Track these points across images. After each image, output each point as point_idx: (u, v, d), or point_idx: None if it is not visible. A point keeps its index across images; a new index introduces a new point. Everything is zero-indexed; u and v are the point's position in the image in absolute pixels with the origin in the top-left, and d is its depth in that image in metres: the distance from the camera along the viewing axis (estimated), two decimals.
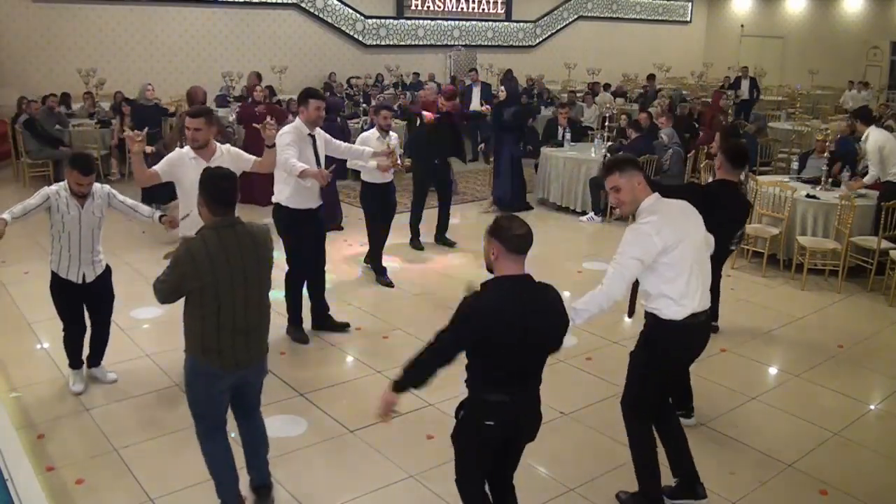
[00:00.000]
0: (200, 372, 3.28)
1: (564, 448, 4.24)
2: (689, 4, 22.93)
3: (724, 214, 4.43)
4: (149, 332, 5.66)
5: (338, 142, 5.87)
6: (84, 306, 4.65)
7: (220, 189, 3.23)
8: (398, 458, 4.05)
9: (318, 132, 5.48)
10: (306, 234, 5.47)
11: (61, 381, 4.80)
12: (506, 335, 2.77)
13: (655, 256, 3.28)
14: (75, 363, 4.73)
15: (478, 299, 2.80)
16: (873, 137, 7.20)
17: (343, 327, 5.72)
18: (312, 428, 4.38)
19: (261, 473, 3.63)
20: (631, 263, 3.29)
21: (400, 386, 2.98)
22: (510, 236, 2.78)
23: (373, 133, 6.63)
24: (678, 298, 3.36)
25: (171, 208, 6.18)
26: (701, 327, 3.51)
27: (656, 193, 3.43)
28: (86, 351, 4.80)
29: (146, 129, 4.75)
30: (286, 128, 5.35)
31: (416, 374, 2.95)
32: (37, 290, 6.30)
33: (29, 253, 7.26)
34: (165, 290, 3.21)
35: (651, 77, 15.86)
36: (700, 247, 3.44)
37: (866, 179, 7.33)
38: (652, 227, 3.28)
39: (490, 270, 2.90)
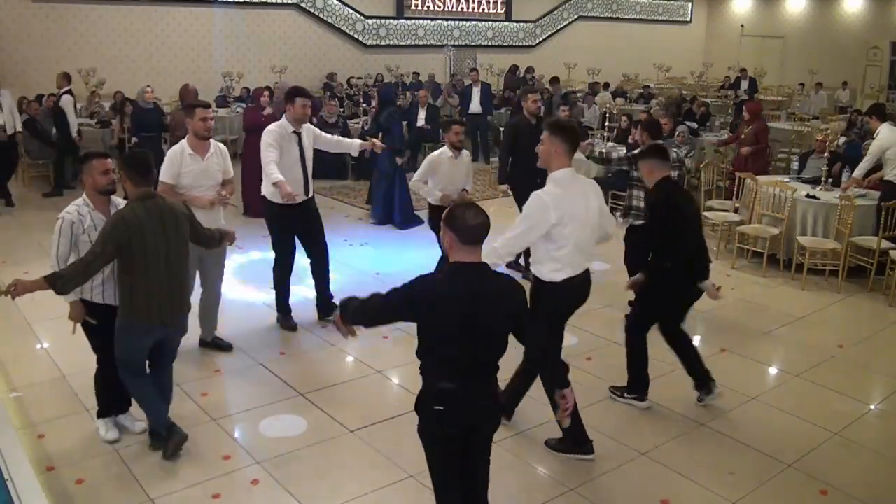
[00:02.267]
0: (129, 329, 3.79)
1: None
2: (689, 4, 22.93)
3: (682, 213, 4.46)
4: None
5: (326, 134, 5.87)
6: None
7: (143, 163, 3.75)
8: (398, 458, 4.05)
9: (305, 128, 5.50)
10: (293, 226, 5.59)
11: (61, 381, 4.80)
12: (452, 320, 2.73)
13: (548, 228, 3.71)
14: (107, 410, 4.17)
15: (430, 279, 2.80)
16: (882, 136, 7.16)
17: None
18: (312, 428, 4.38)
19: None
20: (529, 235, 3.78)
21: (346, 316, 2.99)
22: (463, 227, 2.73)
23: (443, 153, 6.02)
24: (560, 267, 3.83)
25: None
26: (577, 286, 3.94)
27: (570, 169, 3.81)
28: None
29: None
30: (271, 126, 5.39)
31: (359, 314, 2.98)
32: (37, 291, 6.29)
33: (29, 253, 7.26)
34: (101, 257, 3.56)
35: (554, 80, 14.43)
36: (592, 227, 3.89)
37: (855, 174, 7.31)
38: (552, 201, 3.70)
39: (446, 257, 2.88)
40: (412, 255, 7.58)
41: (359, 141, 6.08)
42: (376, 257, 7.63)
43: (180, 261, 3.85)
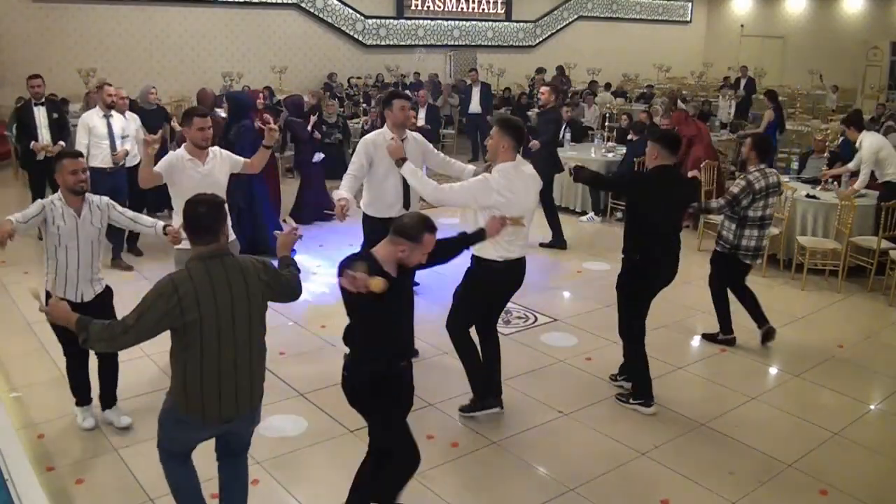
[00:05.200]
0: (178, 419, 2.99)
1: (564, 448, 4.24)
2: (689, 4, 22.93)
3: (669, 196, 4.69)
4: None
5: (437, 152, 5.24)
6: None
7: (195, 216, 2.91)
8: None
9: (413, 136, 5.04)
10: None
11: (61, 381, 4.79)
12: None
13: (487, 205, 4.06)
14: (83, 399, 4.34)
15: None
16: (868, 142, 7.20)
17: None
18: (312, 428, 4.38)
19: None
20: (462, 191, 4.20)
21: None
22: (398, 220, 3.14)
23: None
24: (498, 247, 4.14)
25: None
26: (511, 270, 4.26)
27: (515, 162, 4.13)
28: (95, 389, 4.39)
29: (160, 133, 4.72)
30: (369, 134, 4.97)
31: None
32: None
33: (29, 253, 7.27)
34: (135, 332, 2.80)
35: (376, 87, 13.82)
36: (529, 213, 4.24)
37: (857, 185, 7.29)
38: (496, 185, 4.05)
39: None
40: None
41: (472, 167, 5.19)
42: None
43: (251, 335, 2.99)
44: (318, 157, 9.09)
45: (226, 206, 2.96)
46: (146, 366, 5.08)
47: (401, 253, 3.05)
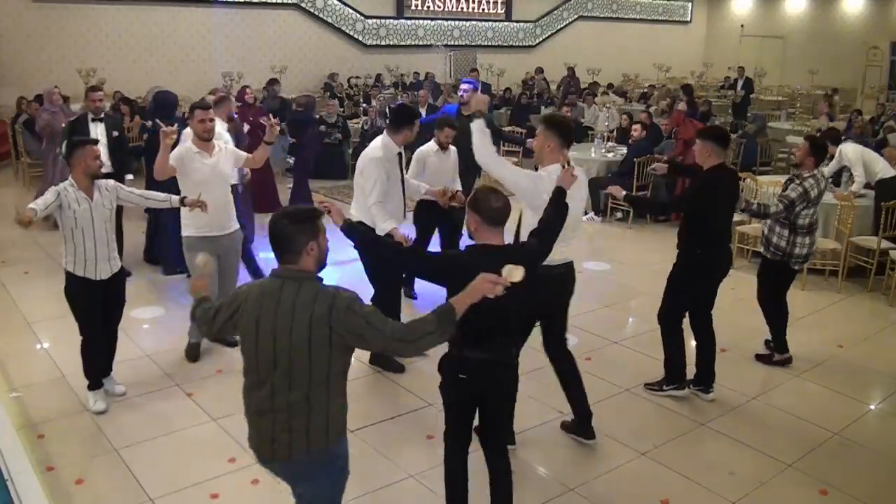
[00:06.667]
0: None
1: (564, 448, 4.24)
2: (689, 4, 22.93)
3: (727, 194, 4.63)
4: (149, 331, 5.65)
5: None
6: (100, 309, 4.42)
7: (275, 229, 2.54)
8: (398, 458, 4.05)
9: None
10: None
11: (61, 381, 4.80)
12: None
13: (533, 205, 3.74)
14: (95, 381, 4.48)
15: (459, 255, 3.18)
16: (850, 150, 7.42)
17: (400, 368, 5.16)
18: None
19: None
20: (517, 173, 3.92)
21: (350, 229, 3.33)
22: (487, 208, 2.98)
23: (430, 147, 5.71)
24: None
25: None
26: (557, 278, 4.05)
27: (558, 165, 3.74)
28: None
29: (176, 125, 5.07)
30: (375, 152, 4.79)
31: (374, 246, 3.41)
32: (37, 290, 6.30)
33: (29, 253, 7.27)
34: (209, 330, 2.74)
35: (377, 87, 14.24)
36: (576, 214, 3.89)
37: (854, 188, 7.33)
38: (543, 188, 3.69)
39: (472, 238, 3.12)
40: None
41: (426, 186, 5.45)
42: None
43: (293, 377, 2.49)
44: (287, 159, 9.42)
45: (319, 220, 2.59)
46: (146, 365, 5.08)
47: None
